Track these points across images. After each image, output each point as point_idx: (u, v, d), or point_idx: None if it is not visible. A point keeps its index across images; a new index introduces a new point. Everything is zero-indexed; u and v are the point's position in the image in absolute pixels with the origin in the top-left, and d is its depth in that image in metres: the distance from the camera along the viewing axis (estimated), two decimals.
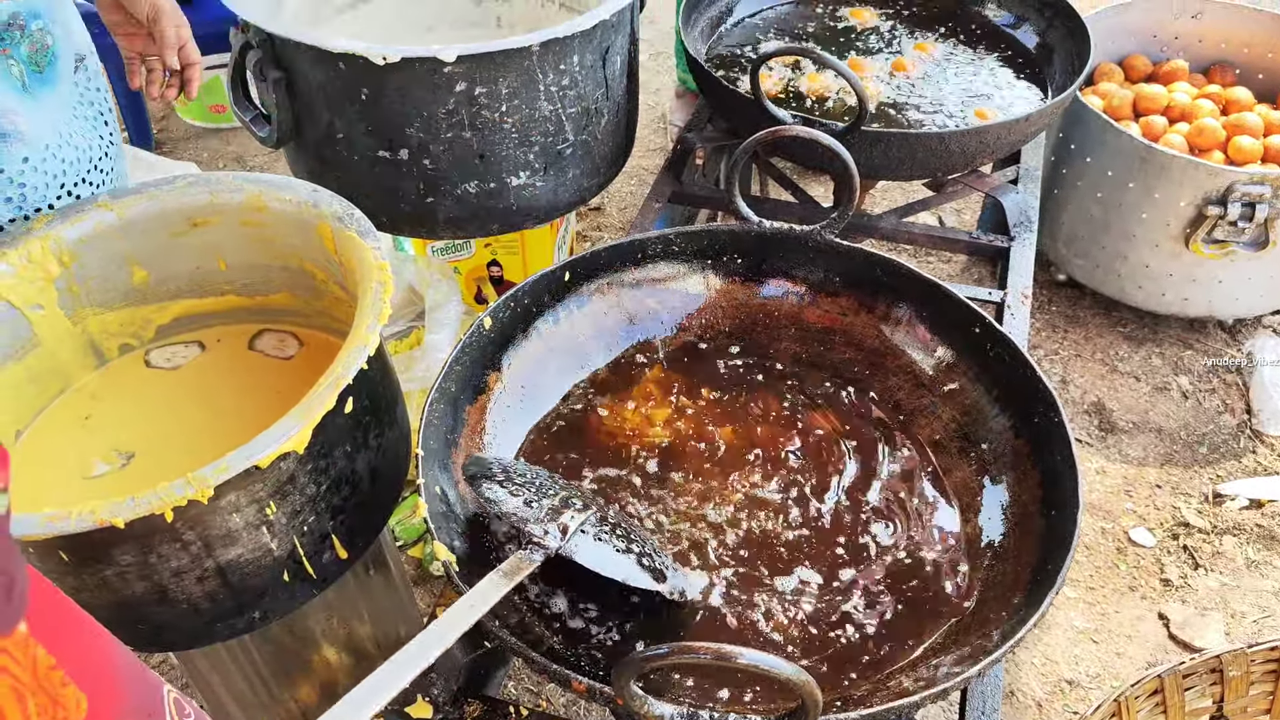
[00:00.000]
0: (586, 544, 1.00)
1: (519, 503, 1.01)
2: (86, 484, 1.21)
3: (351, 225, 1.21)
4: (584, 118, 1.57)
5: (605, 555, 1.00)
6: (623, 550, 1.01)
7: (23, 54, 1.21)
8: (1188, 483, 2.11)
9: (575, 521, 1.00)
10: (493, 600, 0.92)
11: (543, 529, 0.98)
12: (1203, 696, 1.18)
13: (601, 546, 1.00)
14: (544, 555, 0.97)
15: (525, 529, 0.98)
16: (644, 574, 1.00)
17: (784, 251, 1.38)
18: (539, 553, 0.97)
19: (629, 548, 1.02)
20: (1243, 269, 2.20)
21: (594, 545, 1.00)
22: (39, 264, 1.21)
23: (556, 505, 1.02)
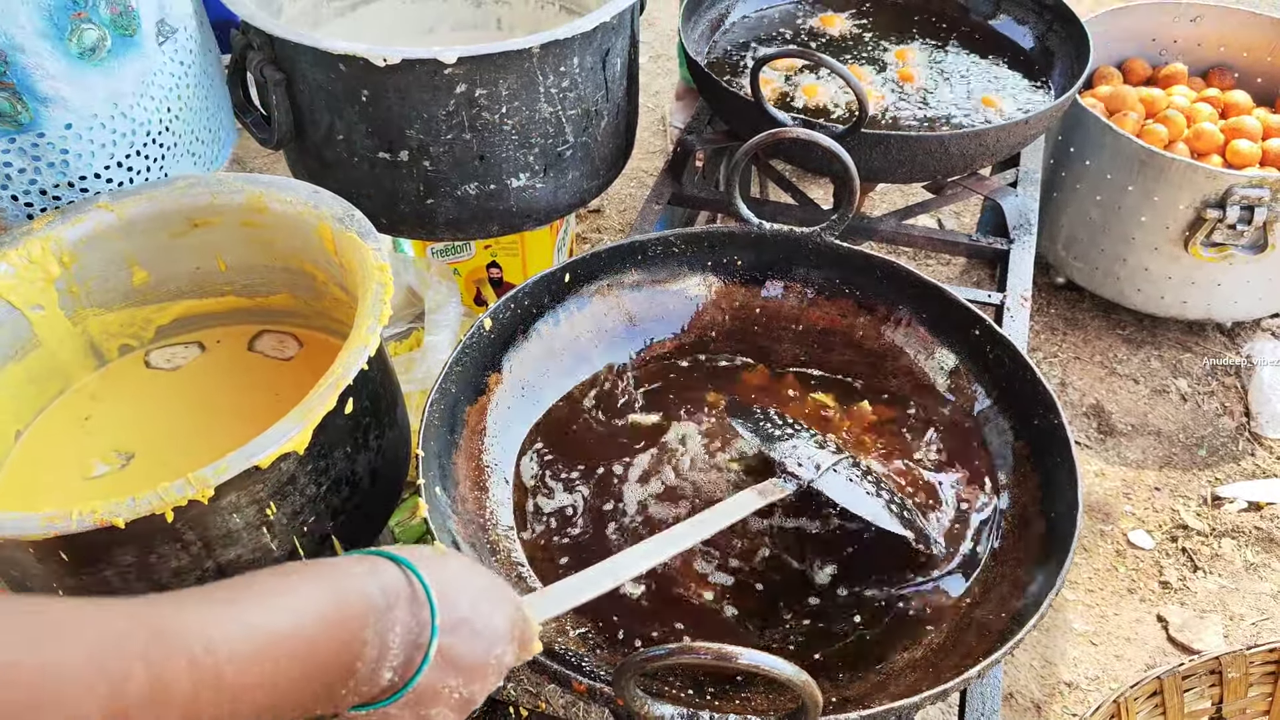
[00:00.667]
0: (838, 482, 1.05)
1: (777, 438, 1.09)
2: (86, 484, 1.21)
3: (352, 226, 1.22)
4: (584, 119, 1.57)
5: (855, 494, 1.05)
6: (872, 494, 1.06)
7: (104, 17, 1.21)
8: (1186, 485, 2.11)
9: (829, 461, 1.07)
10: (746, 511, 1.01)
11: (797, 461, 1.04)
12: (1202, 698, 1.18)
13: (852, 486, 1.06)
14: (796, 485, 1.04)
15: (781, 460, 1.05)
16: (892, 518, 1.05)
17: (784, 253, 1.38)
18: (792, 482, 1.04)
19: (878, 493, 1.07)
20: (1241, 272, 2.21)
21: (845, 484, 1.06)
22: (39, 264, 1.21)
23: (813, 447, 1.09)
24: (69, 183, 1.26)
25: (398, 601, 0.68)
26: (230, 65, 1.52)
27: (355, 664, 0.65)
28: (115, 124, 1.26)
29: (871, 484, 1.08)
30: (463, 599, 0.72)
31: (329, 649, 0.63)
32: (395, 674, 0.68)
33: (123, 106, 1.26)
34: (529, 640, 0.80)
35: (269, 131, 1.55)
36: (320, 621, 0.63)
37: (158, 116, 1.32)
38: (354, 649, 0.65)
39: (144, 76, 1.28)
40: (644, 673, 0.84)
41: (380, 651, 0.66)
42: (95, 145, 1.25)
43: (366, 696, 0.68)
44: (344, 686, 0.65)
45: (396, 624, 0.67)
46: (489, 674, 0.74)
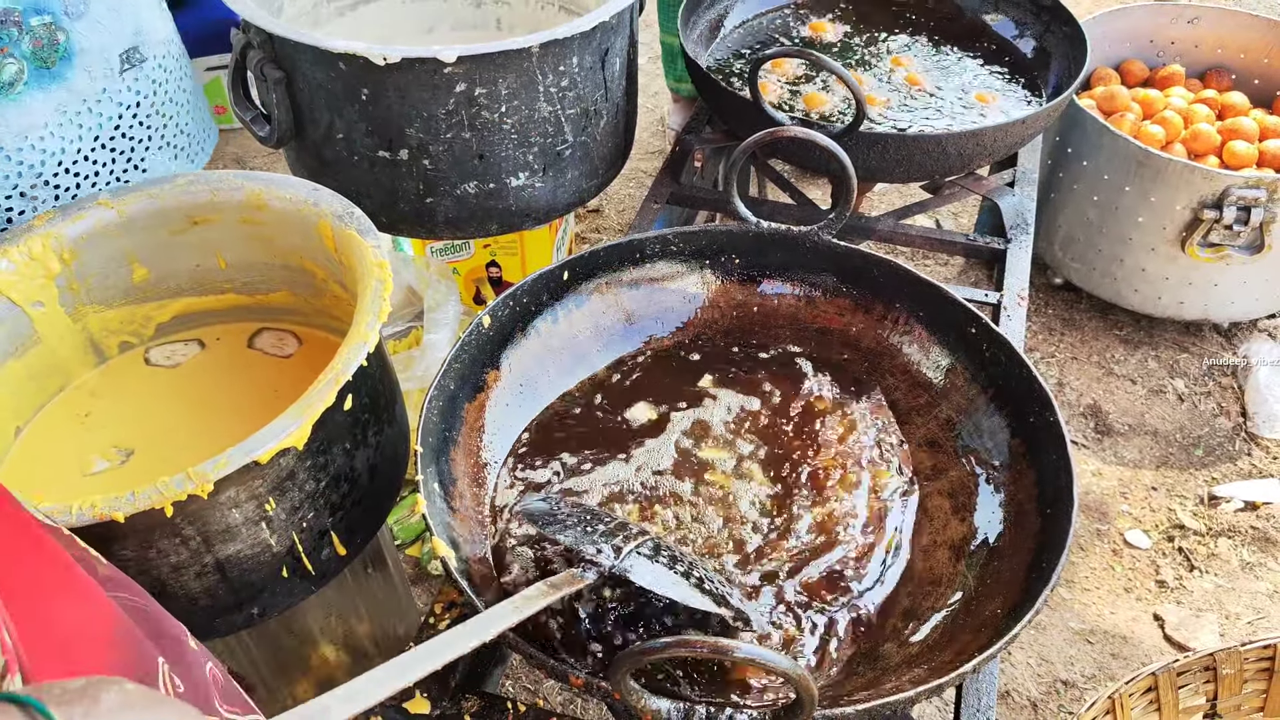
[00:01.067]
0: (641, 564, 0.99)
1: (573, 529, 1.01)
2: (86, 480, 1.21)
3: (351, 224, 1.22)
4: (583, 119, 1.57)
5: (661, 576, 0.98)
6: (681, 574, 1.00)
7: (25, 51, 1.22)
8: (1183, 485, 2.12)
9: (630, 544, 0.99)
10: (535, 608, 0.92)
11: (596, 548, 0.97)
12: (1196, 694, 1.18)
13: (657, 568, 0.99)
14: (596, 573, 0.97)
15: (579, 548, 0.98)
16: (702, 596, 0.98)
17: (781, 252, 1.39)
18: (592, 571, 0.96)
19: (688, 572, 1.01)
20: (1238, 272, 2.21)
21: (650, 566, 0.99)
22: (40, 261, 1.22)
23: (611, 530, 1.02)
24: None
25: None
26: (230, 64, 1.52)
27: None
28: (23, 156, 1.26)
29: (681, 564, 1.03)
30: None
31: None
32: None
33: (33, 139, 1.26)
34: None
35: (268, 130, 1.56)
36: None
37: (75, 145, 1.32)
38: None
39: (62, 105, 1.28)
40: (641, 666, 0.84)
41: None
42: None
43: None
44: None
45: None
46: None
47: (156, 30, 1.41)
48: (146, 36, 1.37)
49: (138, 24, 1.36)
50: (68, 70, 1.27)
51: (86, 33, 1.28)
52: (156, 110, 1.41)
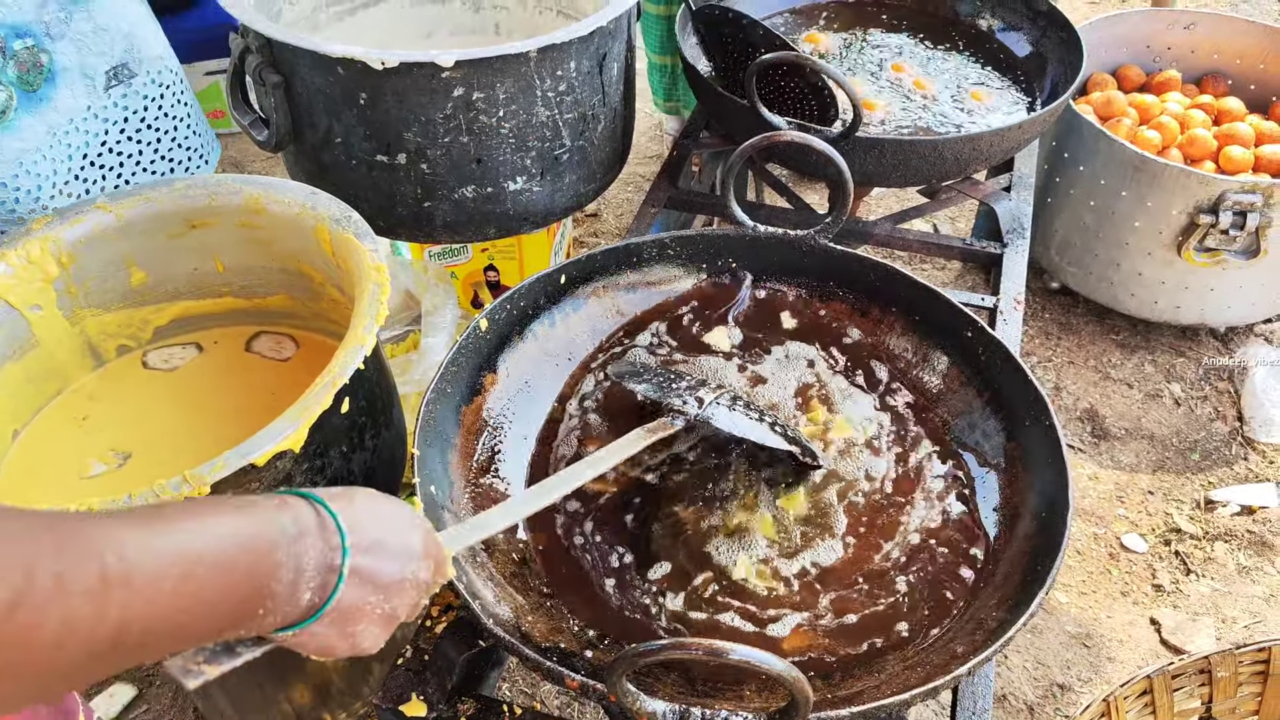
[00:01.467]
0: (722, 412, 1.12)
1: (659, 385, 1.17)
2: (83, 483, 1.22)
3: (349, 227, 1.22)
4: (580, 123, 1.58)
5: (740, 421, 1.12)
6: (755, 419, 1.14)
7: (10, 77, 1.22)
8: (1180, 489, 2.12)
9: (711, 395, 1.13)
10: (637, 448, 1.08)
11: (682, 400, 1.11)
12: (1191, 697, 1.18)
13: (736, 414, 1.13)
14: (684, 421, 1.11)
15: (666, 401, 1.12)
16: (777, 437, 1.13)
17: (778, 256, 1.39)
18: (679, 419, 1.11)
19: (761, 418, 1.16)
20: (1234, 277, 2.22)
21: (729, 414, 1.12)
22: (38, 265, 1.22)
23: (693, 385, 1.17)
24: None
25: (307, 530, 0.72)
26: (229, 68, 1.53)
27: (271, 585, 0.68)
28: (19, 182, 1.27)
29: (755, 411, 1.17)
30: (372, 524, 0.77)
31: (243, 568, 0.66)
32: (314, 594, 0.72)
33: (27, 164, 1.27)
34: (443, 563, 0.86)
35: (267, 134, 1.56)
36: (232, 544, 0.66)
37: (66, 165, 1.33)
38: (268, 570, 0.68)
39: (52, 127, 1.29)
40: (637, 669, 0.84)
41: (296, 574, 0.70)
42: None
43: (290, 617, 0.72)
44: (262, 607, 0.68)
45: (309, 549, 0.71)
46: (406, 589, 0.80)
47: (149, 46, 1.41)
48: (138, 53, 1.37)
49: (128, 40, 1.36)
50: (51, 91, 1.28)
51: (69, 52, 1.29)
52: (148, 125, 1.42)
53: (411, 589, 0.81)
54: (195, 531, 0.64)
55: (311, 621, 0.73)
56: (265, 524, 0.69)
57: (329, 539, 0.73)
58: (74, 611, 0.55)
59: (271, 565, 0.68)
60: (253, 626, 0.70)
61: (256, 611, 0.68)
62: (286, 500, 0.73)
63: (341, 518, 0.75)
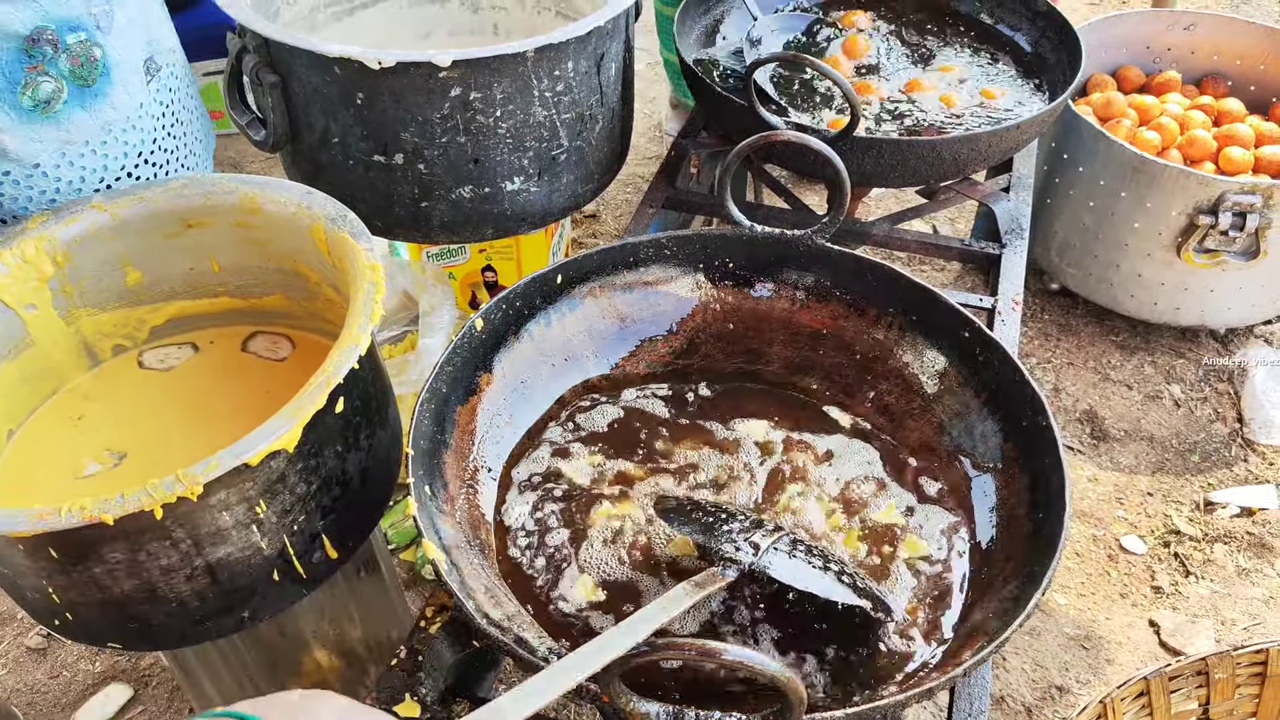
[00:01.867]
0: (780, 560, 1.00)
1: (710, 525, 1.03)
2: (78, 483, 1.21)
3: (344, 227, 1.22)
4: (578, 123, 1.58)
5: (801, 570, 0.99)
6: (820, 568, 1.01)
7: (63, 69, 1.22)
8: (1179, 491, 2.12)
9: (767, 540, 1.01)
10: (682, 607, 0.93)
11: (734, 546, 0.99)
12: (1188, 699, 1.18)
13: (796, 562, 1.00)
14: (737, 571, 0.98)
15: (718, 547, 0.99)
16: (844, 588, 0.99)
17: (775, 256, 1.39)
18: (732, 569, 0.98)
19: (826, 566, 1.02)
20: (1234, 278, 2.22)
21: (788, 561, 1.00)
22: (33, 264, 1.22)
23: (747, 527, 1.04)
24: (1, 220, 1.27)
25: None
26: (226, 68, 1.53)
27: None
28: (60, 172, 1.27)
29: (818, 557, 1.04)
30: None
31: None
32: None
33: (71, 155, 1.27)
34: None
35: (264, 134, 1.56)
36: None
37: (119, 162, 1.33)
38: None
39: (108, 124, 1.29)
40: (630, 669, 0.84)
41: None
42: (34, 191, 1.27)
43: None
44: None
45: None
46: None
47: (165, 39, 1.41)
48: (158, 45, 1.38)
49: (150, 33, 1.37)
50: (107, 87, 1.27)
51: (118, 47, 1.28)
52: (177, 119, 1.42)
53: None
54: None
55: None
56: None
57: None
58: None
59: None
60: None
61: None
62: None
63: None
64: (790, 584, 0.98)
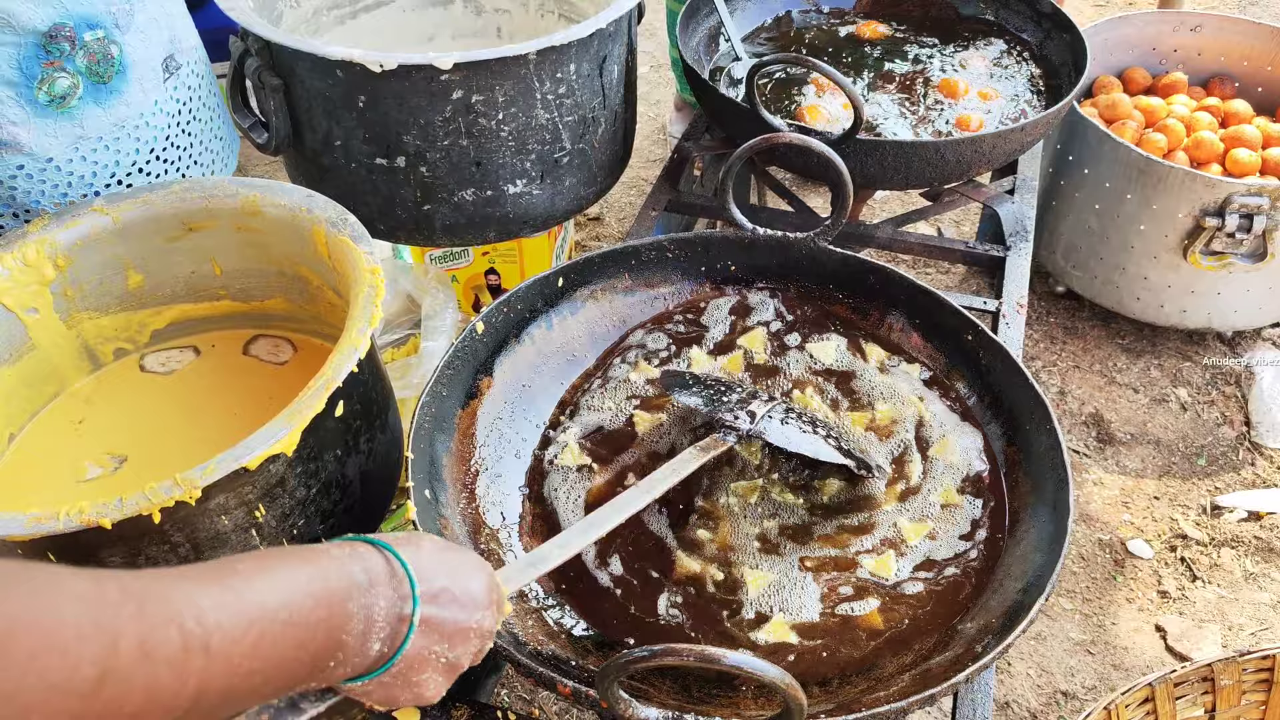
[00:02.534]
0: (774, 426, 1.11)
1: (709, 398, 1.14)
2: (79, 487, 1.21)
3: (345, 230, 1.22)
4: (581, 126, 1.57)
5: (793, 435, 1.10)
6: (808, 431, 1.11)
7: (80, 66, 1.22)
8: (1186, 495, 2.10)
9: (763, 409, 1.12)
10: (690, 468, 1.06)
11: (733, 414, 1.10)
12: (1194, 705, 1.17)
13: (788, 428, 1.11)
14: (736, 436, 1.10)
15: (718, 416, 1.10)
16: (831, 450, 1.10)
17: (777, 258, 1.38)
18: (731, 434, 1.09)
19: (814, 430, 1.13)
20: (1241, 281, 2.20)
21: (781, 428, 1.11)
22: (34, 267, 1.22)
23: (744, 398, 1.15)
24: (13, 214, 1.27)
25: (379, 579, 0.71)
26: (229, 71, 1.53)
27: (342, 637, 0.68)
28: (73, 167, 1.27)
29: (807, 423, 1.13)
30: (440, 572, 0.77)
31: (316, 622, 0.66)
32: (384, 645, 0.72)
33: (84, 150, 1.27)
34: (502, 605, 0.85)
35: (267, 137, 1.56)
36: (306, 597, 0.66)
37: (130, 159, 1.33)
38: (340, 623, 0.68)
39: (120, 121, 1.29)
40: (628, 675, 0.83)
41: (366, 625, 0.70)
42: (46, 185, 1.27)
43: (359, 668, 0.71)
44: (333, 659, 0.68)
45: (380, 599, 0.71)
46: (471, 638, 0.79)
47: (187, 37, 1.42)
48: (180, 44, 1.38)
49: (172, 31, 1.37)
50: (122, 84, 1.28)
51: (136, 45, 1.29)
52: (194, 116, 1.42)
53: (476, 637, 0.80)
54: (269, 588, 0.64)
55: (380, 673, 0.73)
56: (337, 574, 0.69)
57: (399, 588, 0.73)
58: (157, 681, 0.54)
59: (344, 617, 0.68)
60: (322, 679, 0.70)
61: (328, 664, 0.68)
62: (356, 547, 0.73)
63: (411, 566, 0.75)
64: (784, 446, 1.09)
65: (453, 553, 0.81)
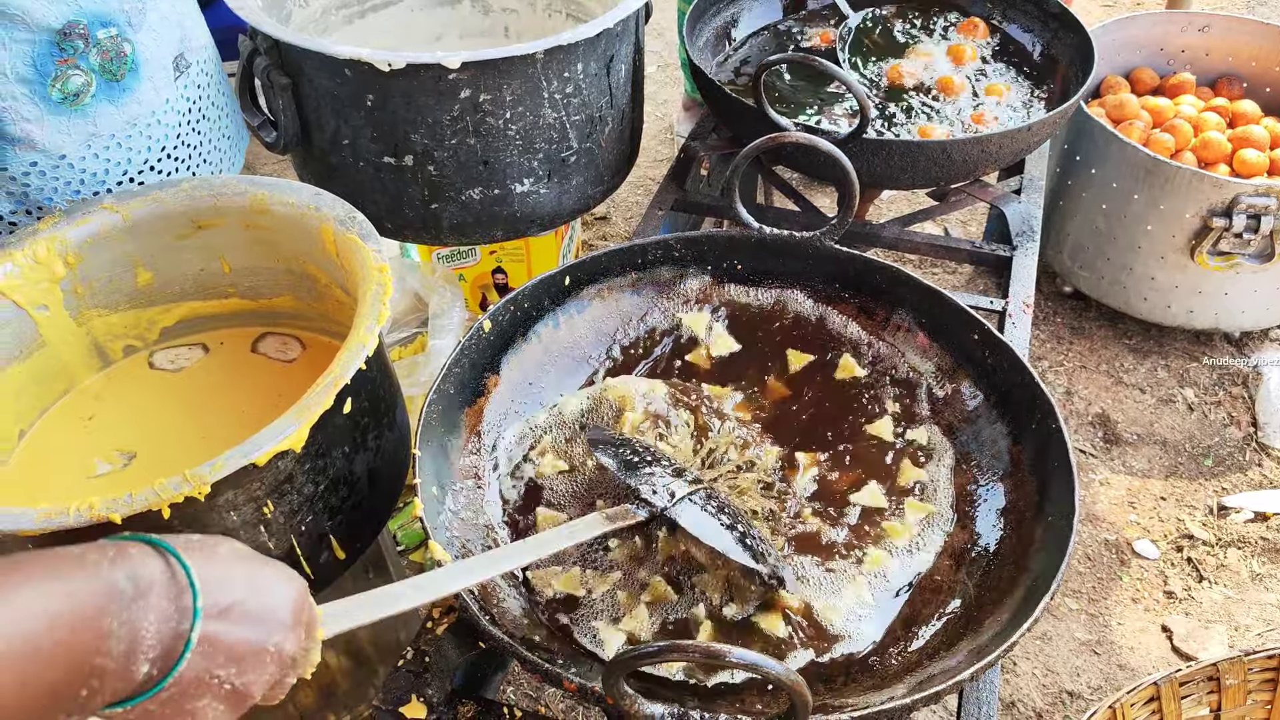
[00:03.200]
0: (692, 512, 1.05)
1: (635, 465, 1.09)
2: (88, 483, 1.22)
3: (353, 228, 1.22)
4: (588, 125, 1.58)
5: (708, 525, 1.04)
6: (727, 526, 1.06)
7: (93, 63, 1.23)
8: (1192, 495, 2.10)
9: (684, 490, 1.06)
10: (589, 535, 1.02)
11: (652, 489, 1.05)
12: (1199, 705, 1.17)
13: (706, 518, 1.05)
14: (649, 513, 1.05)
15: (636, 486, 1.05)
16: (744, 552, 1.03)
17: (784, 257, 1.38)
18: (644, 510, 1.05)
19: (734, 525, 1.06)
20: (1248, 282, 2.20)
21: (698, 514, 1.05)
22: (45, 265, 1.22)
23: (667, 472, 1.09)
24: (26, 210, 1.28)
25: (151, 587, 0.63)
26: (238, 70, 1.53)
27: (95, 660, 0.60)
28: (85, 164, 1.28)
29: (728, 516, 1.07)
30: (235, 583, 0.68)
31: (57, 651, 0.57)
32: (153, 666, 0.63)
33: (97, 148, 1.28)
34: (313, 628, 0.76)
35: (275, 136, 1.56)
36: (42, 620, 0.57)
37: (143, 156, 1.34)
38: (91, 643, 0.59)
39: (133, 119, 1.30)
40: (634, 671, 0.84)
41: (131, 644, 0.61)
42: (59, 182, 1.28)
43: (121, 693, 0.63)
44: (85, 687, 0.60)
45: (150, 611, 0.62)
46: (266, 663, 0.70)
47: (197, 35, 1.43)
48: (190, 42, 1.39)
49: (183, 29, 1.38)
50: (134, 82, 1.29)
51: (148, 43, 1.30)
52: (204, 115, 1.43)
53: (272, 663, 0.71)
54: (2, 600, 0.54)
55: (144, 698, 0.63)
56: (90, 586, 0.60)
57: (179, 599, 0.64)
58: None
59: (96, 637, 0.59)
60: (74, 709, 0.60)
61: (78, 693, 0.59)
62: (126, 549, 0.64)
63: (196, 573, 0.65)
64: (696, 535, 1.03)
65: (255, 563, 0.72)
